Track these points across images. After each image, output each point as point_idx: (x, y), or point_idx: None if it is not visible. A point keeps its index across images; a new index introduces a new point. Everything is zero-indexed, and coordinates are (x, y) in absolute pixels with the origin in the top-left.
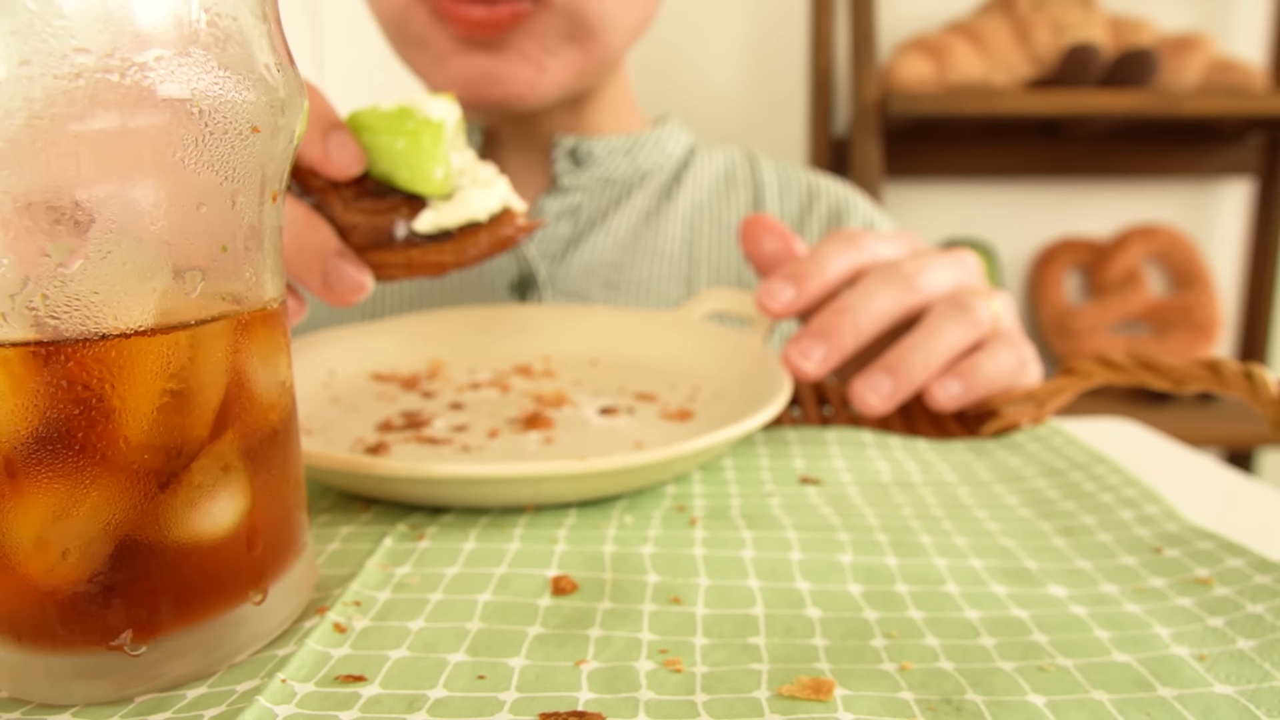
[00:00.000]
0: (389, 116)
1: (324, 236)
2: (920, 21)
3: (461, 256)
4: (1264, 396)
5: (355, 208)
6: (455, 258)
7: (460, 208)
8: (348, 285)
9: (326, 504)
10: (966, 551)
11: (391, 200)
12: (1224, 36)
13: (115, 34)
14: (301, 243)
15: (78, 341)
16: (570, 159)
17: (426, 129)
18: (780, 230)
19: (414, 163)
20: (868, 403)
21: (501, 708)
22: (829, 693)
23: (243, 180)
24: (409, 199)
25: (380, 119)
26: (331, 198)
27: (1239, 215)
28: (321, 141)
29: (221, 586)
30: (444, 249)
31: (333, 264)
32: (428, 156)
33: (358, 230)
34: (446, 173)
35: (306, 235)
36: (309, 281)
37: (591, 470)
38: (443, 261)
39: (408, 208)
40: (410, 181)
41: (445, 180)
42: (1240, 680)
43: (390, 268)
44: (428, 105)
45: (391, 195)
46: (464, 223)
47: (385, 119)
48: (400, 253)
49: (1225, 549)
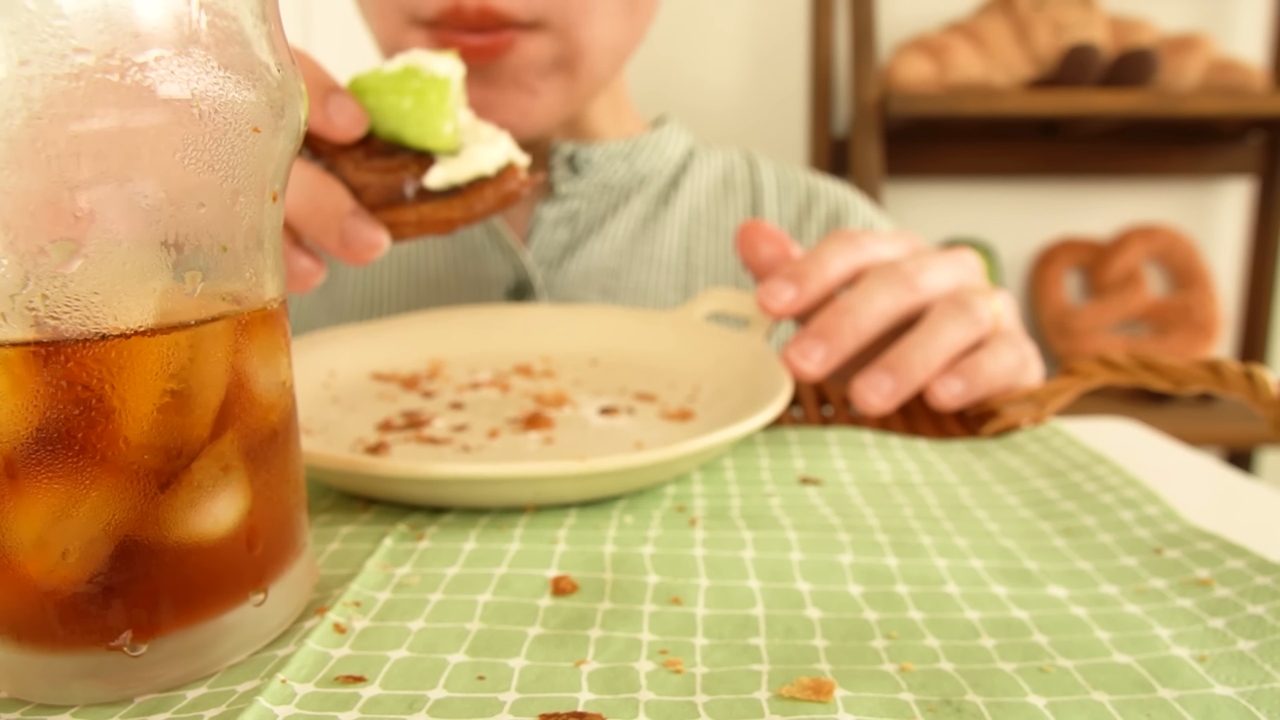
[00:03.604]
0: (394, 77)
1: (338, 197)
2: (920, 21)
3: (470, 212)
4: (1264, 397)
5: (366, 167)
6: (464, 213)
7: (468, 163)
8: (364, 243)
9: (326, 504)
10: (967, 552)
11: (401, 158)
12: (1224, 36)
13: (115, 34)
14: (317, 204)
15: (78, 341)
16: (568, 166)
17: (433, 86)
18: (777, 236)
19: (422, 120)
20: (869, 402)
21: (501, 708)
22: (829, 694)
23: (243, 180)
24: (418, 157)
25: (385, 80)
26: (342, 159)
27: (1239, 215)
28: (322, 107)
29: (221, 587)
30: (453, 205)
31: (349, 223)
32: (435, 113)
33: (370, 189)
34: (455, 127)
35: (321, 196)
36: (326, 242)
37: (591, 470)
38: (452, 218)
39: (417, 165)
40: (420, 138)
41: (454, 135)
42: (1241, 681)
43: (402, 226)
44: (432, 63)
45: (401, 154)
46: (472, 177)
47: (390, 80)
48: (412, 210)
49: (1226, 550)
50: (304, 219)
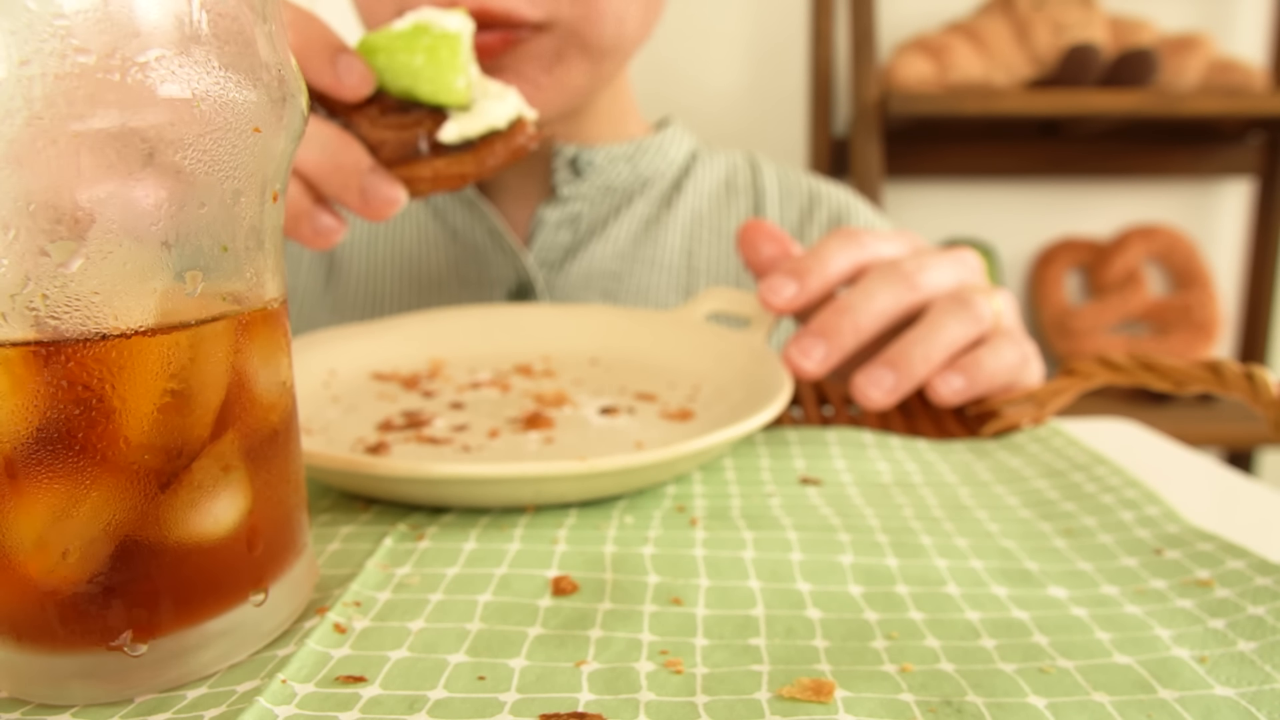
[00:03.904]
0: (405, 35)
1: (357, 154)
2: (920, 21)
3: (482, 166)
4: (1265, 397)
5: (381, 124)
6: (476, 168)
7: (480, 117)
8: (383, 199)
9: (326, 504)
10: (967, 552)
11: (415, 115)
12: (1224, 36)
13: (116, 34)
14: (338, 162)
15: (78, 341)
16: (570, 168)
17: (444, 42)
18: (778, 236)
19: (435, 76)
20: (869, 397)
21: (502, 709)
22: (829, 694)
23: (244, 180)
24: (431, 113)
25: (396, 39)
26: (357, 118)
27: (1239, 215)
28: (331, 67)
29: (221, 587)
30: (465, 159)
31: (368, 180)
32: (448, 68)
33: (386, 145)
34: (468, 82)
35: (341, 154)
36: (347, 198)
37: (592, 470)
38: (465, 173)
39: (431, 121)
40: (433, 94)
41: (466, 90)
42: (1241, 682)
43: (418, 182)
44: (442, 19)
45: (414, 110)
46: (485, 131)
47: (401, 38)
48: (426, 165)
49: (1226, 551)
50: (324, 176)
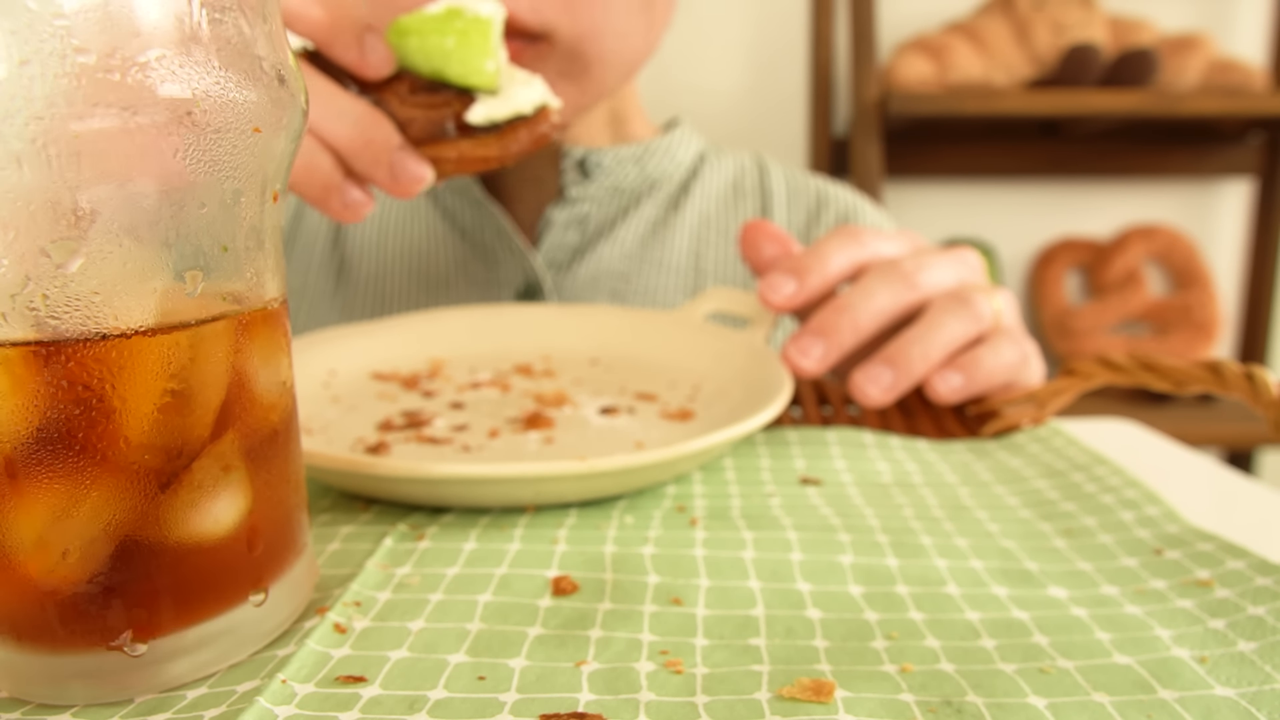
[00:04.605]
0: (437, 19)
1: (387, 131)
2: (920, 21)
3: (505, 151)
4: (1265, 398)
5: (411, 102)
6: (500, 151)
7: (507, 102)
8: (410, 176)
9: (326, 504)
10: (967, 553)
11: (444, 95)
12: (1224, 36)
13: (116, 34)
14: (368, 138)
15: (78, 341)
16: (579, 170)
17: (475, 26)
18: (780, 235)
19: (465, 58)
20: (868, 394)
21: (502, 709)
22: (830, 694)
23: (244, 180)
24: (460, 94)
25: (428, 21)
26: (387, 94)
27: (1239, 215)
28: (358, 45)
29: (221, 587)
30: (489, 143)
31: (397, 157)
32: (478, 51)
33: (415, 124)
34: (498, 66)
35: (372, 130)
36: (376, 174)
37: (592, 470)
38: (489, 156)
39: (459, 102)
40: (463, 76)
41: (495, 74)
42: (1241, 683)
43: (443, 162)
44: (475, 4)
45: (443, 91)
46: (512, 115)
47: (433, 21)
48: (452, 146)
49: (1226, 551)
50: (354, 151)
